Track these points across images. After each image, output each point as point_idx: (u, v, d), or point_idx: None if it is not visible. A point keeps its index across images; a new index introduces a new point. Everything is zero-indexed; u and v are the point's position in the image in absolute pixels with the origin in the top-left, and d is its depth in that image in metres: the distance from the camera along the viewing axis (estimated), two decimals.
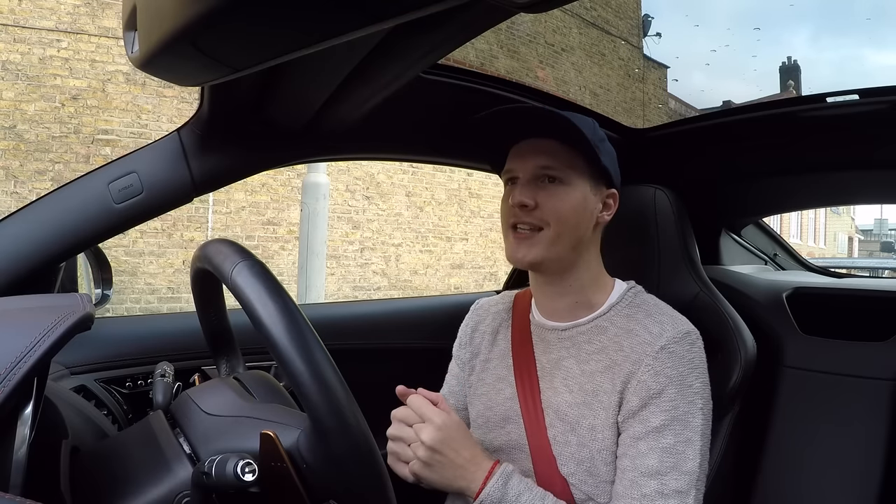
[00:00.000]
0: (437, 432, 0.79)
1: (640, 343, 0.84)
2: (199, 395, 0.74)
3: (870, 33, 6.06)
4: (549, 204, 0.86)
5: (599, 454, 0.83)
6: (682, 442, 0.79)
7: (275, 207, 6.32)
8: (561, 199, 0.87)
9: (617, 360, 0.85)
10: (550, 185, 0.87)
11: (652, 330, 0.85)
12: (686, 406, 0.80)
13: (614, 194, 0.93)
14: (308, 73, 0.84)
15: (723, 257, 1.63)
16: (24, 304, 0.65)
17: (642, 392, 0.81)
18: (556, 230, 0.86)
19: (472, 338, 1.05)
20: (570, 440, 0.85)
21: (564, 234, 0.87)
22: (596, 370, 0.86)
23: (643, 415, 0.81)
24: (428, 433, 0.79)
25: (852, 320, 1.30)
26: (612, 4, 7.79)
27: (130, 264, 5.51)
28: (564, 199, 0.87)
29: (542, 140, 0.88)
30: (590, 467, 0.83)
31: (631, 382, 0.82)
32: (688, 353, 0.83)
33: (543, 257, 0.87)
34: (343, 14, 0.50)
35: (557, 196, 0.87)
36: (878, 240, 26.90)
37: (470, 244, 7.97)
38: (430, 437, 0.78)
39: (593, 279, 0.92)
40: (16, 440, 0.50)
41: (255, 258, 0.65)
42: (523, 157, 0.90)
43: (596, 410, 0.84)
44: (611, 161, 0.91)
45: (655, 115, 7.00)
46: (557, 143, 0.87)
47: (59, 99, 5.29)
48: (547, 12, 0.43)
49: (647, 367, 0.82)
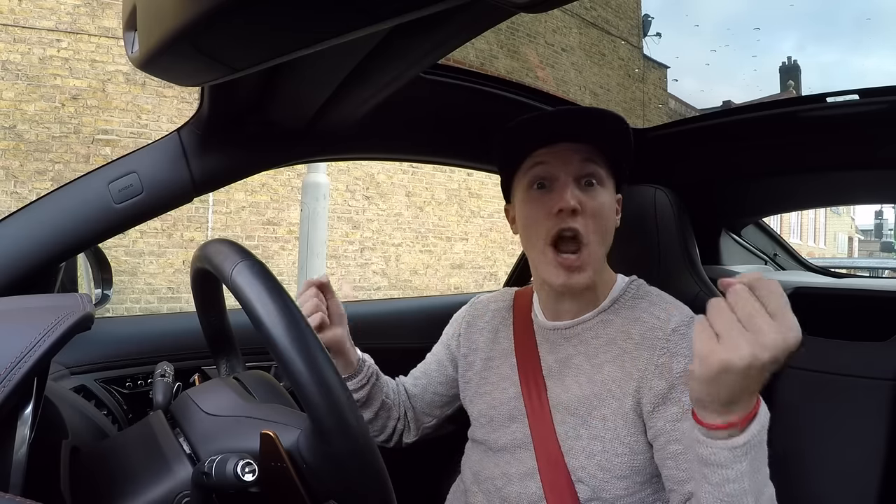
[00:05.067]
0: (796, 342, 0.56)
1: (650, 329, 0.84)
2: (199, 395, 0.74)
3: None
4: (596, 210, 0.84)
5: (612, 445, 0.81)
6: None
7: (275, 207, 6.32)
8: (602, 202, 0.85)
9: (627, 348, 0.85)
10: (591, 188, 0.85)
11: (660, 315, 0.85)
12: None
13: (620, 198, 0.93)
14: (308, 73, 0.83)
15: (723, 257, 1.63)
16: (24, 304, 0.64)
17: (665, 374, 0.80)
18: (599, 240, 0.85)
19: (469, 332, 1.05)
20: (581, 434, 0.84)
21: (604, 242, 0.86)
22: (605, 361, 0.86)
23: (674, 396, 0.79)
24: (789, 340, 0.55)
25: (852, 320, 1.30)
26: (612, 4, 7.80)
27: (130, 264, 5.51)
28: (604, 204, 0.86)
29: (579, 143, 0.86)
30: (601, 461, 0.82)
31: (648, 369, 0.81)
32: None
33: (593, 278, 0.86)
34: (343, 14, 0.50)
35: (599, 200, 0.85)
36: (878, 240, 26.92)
37: (470, 244, 7.97)
38: (789, 344, 0.55)
39: (601, 279, 0.92)
40: (16, 440, 0.50)
41: (255, 258, 0.65)
42: (562, 156, 0.86)
43: (606, 400, 0.83)
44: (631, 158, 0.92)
45: (655, 115, 7.02)
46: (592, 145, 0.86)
47: (59, 99, 5.29)
48: (547, 12, 0.43)
49: (662, 349, 0.81)
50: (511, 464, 0.90)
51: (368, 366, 1.00)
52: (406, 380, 1.10)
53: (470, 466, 0.97)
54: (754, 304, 0.56)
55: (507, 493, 0.88)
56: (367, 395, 0.99)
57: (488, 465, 0.93)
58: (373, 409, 1.01)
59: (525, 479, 0.87)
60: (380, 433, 1.04)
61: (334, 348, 0.95)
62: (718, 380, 0.57)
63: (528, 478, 0.87)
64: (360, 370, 0.98)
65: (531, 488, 0.86)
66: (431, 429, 1.09)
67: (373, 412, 1.01)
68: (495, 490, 0.90)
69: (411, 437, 1.08)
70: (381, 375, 1.04)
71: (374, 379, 1.00)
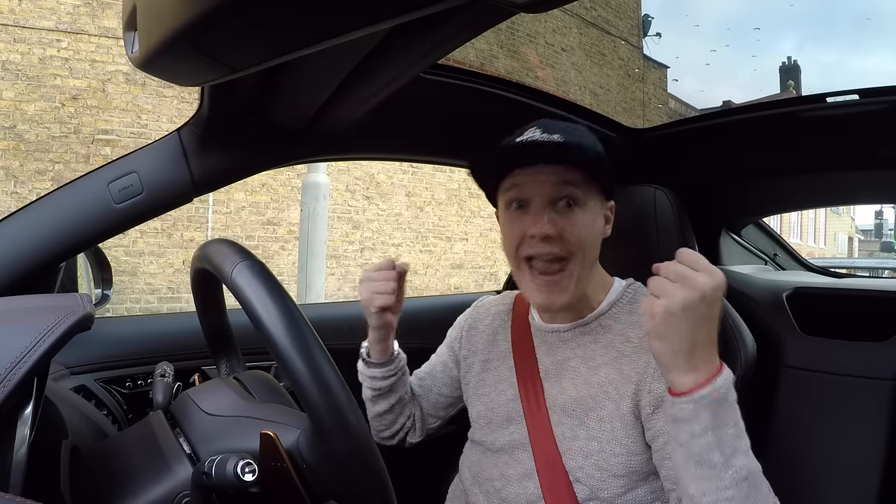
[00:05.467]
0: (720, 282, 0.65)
1: None
2: (199, 395, 0.74)
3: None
4: (572, 232, 0.83)
5: (609, 445, 0.82)
6: None
7: (275, 207, 6.32)
8: (582, 225, 0.84)
9: (625, 351, 0.85)
10: (568, 210, 0.84)
11: None
12: None
13: (613, 206, 0.92)
14: (308, 73, 0.83)
15: (723, 257, 1.63)
16: (24, 304, 0.65)
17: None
18: (580, 260, 0.84)
19: (470, 335, 1.05)
20: (578, 434, 0.84)
21: (586, 261, 0.85)
22: (602, 363, 0.86)
23: None
24: (714, 279, 0.64)
25: (852, 320, 1.30)
26: (612, 4, 7.80)
27: (130, 264, 5.51)
28: (585, 225, 0.84)
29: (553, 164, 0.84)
30: (598, 461, 0.82)
31: (647, 371, 0.81)
32: None
33: (573, 298, 0.85)
34: (343, 14, 0.50)
35: (578, 223, 0.83)
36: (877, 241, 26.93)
37: (470, 244, 7.97)
38: (714, 282, 0.64)
39: (594, 285, 0.92)
40: (16, 440, 0.50)
41: (255, 258, 0.65)
42: (534, 182, 0.84)
43: (602, 402, 0.84)
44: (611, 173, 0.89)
45: (655, 115, 7.02)
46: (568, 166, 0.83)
47: (59, 99, 5.29)
48: (547, 12, 0.43)
49: None
50: (509, 465, 0.90)
51: (401, 360, 1.02)
52: (411, 380, 1.10)
53: (469, 467, 0.97)
54: (678, 265, 0.67)
55: (505, 493, 0.88)
56: (389, 387, 1.00)
57: (487, 465, 0.93)
58: (389, 401, 1.02)
59: (523, 480, 0.87)
60: (387, 428, 1.05)
61: (382, 333, 0.97)
62: (668, 329, 0.65)
63: (526, 478, 0.87)
64: (391, 361, 1.00)
65: (529, 489, 0.86)
66: (435, 430, 1.10)
67: (388, 405, 1.02)
68: (494, 491, 0.90)
69: (416, 438, 1.08)
70: (408, 374, 1.06)
71: (400, 374, 1.02)
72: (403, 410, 1.04)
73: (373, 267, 0.95)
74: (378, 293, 0.92)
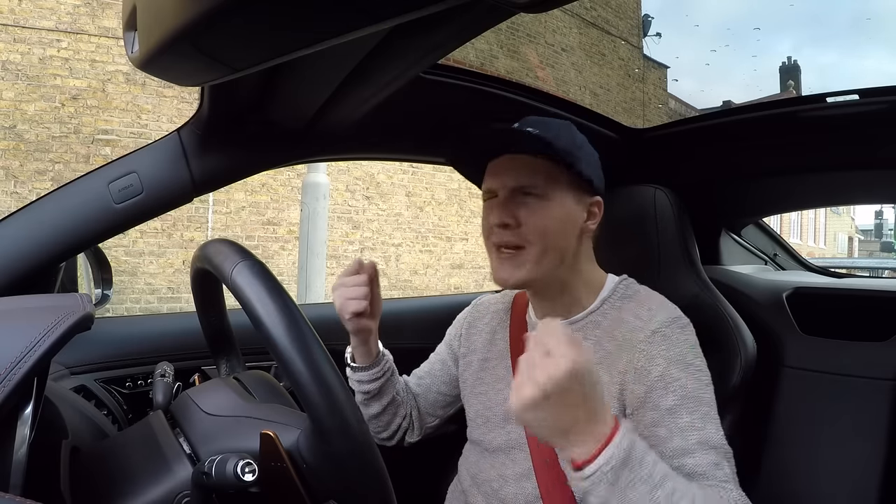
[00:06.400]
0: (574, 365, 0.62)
1: (631, 330, 0.83)
2: (199, 395, 0.74)
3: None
4: (530, 221, 0.84)
5: None
6: (699, 418, 0.76)
7: (275, 207, 6.32)
8: (542, 215, 0.84)
9: (611, 350, 0.84)
10: (530, 200, 0.85)
11: (642, 316, 0.84)
12: (694, 383, 0.78)
13: (599, 202, 0.91)
14: (308, 73, 0.83)
15: (723, 257, 1.63)
16: (24, 304, 0.65)
17: (643, 378, 0.79)
18: (541, 248, 0.84)
19: (469, 333, 1.05)
20: None
21: (549, 250, 0.85)
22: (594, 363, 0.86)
23: (652, 400, 0.78)
24: (562, 366, 0.61)
25: (852, 320, 1.30)
26: (612, 4, 7.80)
27: (130, 264, 5.51)
28: (546, 215, 0.84)
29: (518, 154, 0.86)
30: None
31: (628, 372, 0.81)
32: (681, 335, 0.82)
33: (529, 277, 0.85)
34: (343, 14, 0.50)
35: (538, 212, 0.84)
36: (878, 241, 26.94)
37: (470, 244, 7.97)
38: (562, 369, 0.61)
39: (585, 282, 0.91)
40: (16, 440, 0.50)
41: (255, 258, 0.65)
42: (499, 173, 0.87)
43: None
44: (593, 167, 0.89)
45: (655, 115, 7.02)
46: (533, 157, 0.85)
47: (59, 99, 5.29)
48: (547, 12, 0.43)
49: (641, 351, 0.81)
50: (507, 465, 0.90)
51: (386, 360, 1.01)
52: (409, 379, 1.10)
53: (467, 468, 0.97)
54: (532, 352, 0.64)
55: (503, 494, 0.88)
56: (378, 389, 0.99)
57: (485, 466, 0.93)
58: (381, 403, 1.01)
59: (521, 480, 0.87)
60: (384, 430, 1.04)
61: (361, 338, 0.96)
62: (525, 417, 0.63)
63: (524, 479, 0.87)
64: (377, 363, 0.99)
65: (527, 489, 0.86)
66: (433, 429, 1.10)
67: (381, 406, 1.01)
68: (493, 492, 0.90)
69: (414, 437, 1.08)
70: (396, 373, 1.04)
71: (388, 375, 1.01)
72: (398, 411, 1.04)
73: (344, 272, 0.95)
74: (350, 299, 0.92)
